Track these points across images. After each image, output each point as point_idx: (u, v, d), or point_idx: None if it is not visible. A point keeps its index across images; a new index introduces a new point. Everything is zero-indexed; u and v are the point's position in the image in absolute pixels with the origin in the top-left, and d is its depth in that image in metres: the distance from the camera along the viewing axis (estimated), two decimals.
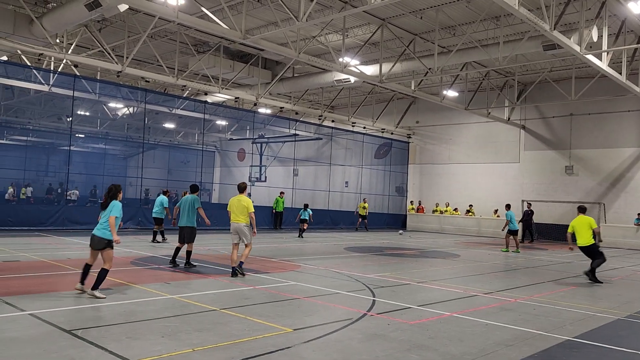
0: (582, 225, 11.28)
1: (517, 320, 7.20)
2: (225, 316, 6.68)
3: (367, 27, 19.57)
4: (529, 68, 24.20)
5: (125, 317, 6.39)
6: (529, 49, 17.69)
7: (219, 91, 22.49)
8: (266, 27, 19.59)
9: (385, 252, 16.10)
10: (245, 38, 15.08)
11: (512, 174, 27.38)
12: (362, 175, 31.13)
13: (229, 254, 13.59)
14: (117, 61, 18.58)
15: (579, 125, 25.43)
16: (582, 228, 11.24)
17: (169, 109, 27.94)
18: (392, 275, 11.08)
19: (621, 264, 15.78)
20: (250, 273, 10.48)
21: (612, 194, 24.32)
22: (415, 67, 20.84)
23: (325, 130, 31.23)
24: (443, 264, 13.99)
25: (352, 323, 6.62)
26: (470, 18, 18.28)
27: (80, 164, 32.88)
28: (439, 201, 29.66)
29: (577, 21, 16.21)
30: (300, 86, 25.60)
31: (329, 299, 8.22)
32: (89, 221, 19.37)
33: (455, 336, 6.21)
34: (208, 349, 5.26)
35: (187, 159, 35.95)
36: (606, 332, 6.86)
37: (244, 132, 36.01)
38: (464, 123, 28.94)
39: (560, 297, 9.26)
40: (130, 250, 13.57)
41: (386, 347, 5.63)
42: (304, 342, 5.68)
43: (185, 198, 11.22)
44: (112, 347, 5.14)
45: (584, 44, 15.06)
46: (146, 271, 10.45)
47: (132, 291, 8.10)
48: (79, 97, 23.80)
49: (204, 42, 22.45)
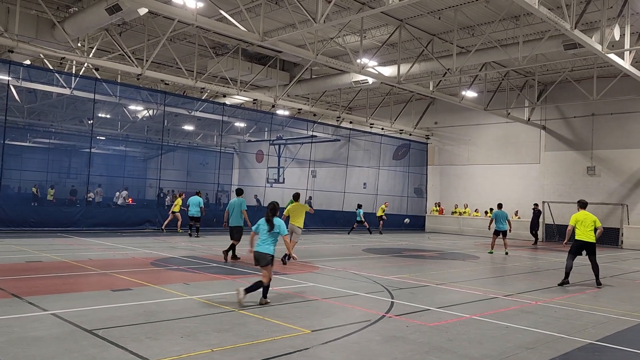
0: (588, 222, 10.75)
1: (537, 323, 7.10)
2: (244, 317, 6.72)
3: (385, 28, 19.51)
4: (549, 68, 23.86)
5: (146, 318, 6.47)
6: (549, 48, 17.44)
7: (238, 93, 22.64)
8: (284, 29, 19.66)
9: (403, 254, 16.02)
10: (263, 40, 15.15)
11: (532, 175, 27.02)
12: (380, 177, 31.02)
13: (246, 255, 13.68)
14: (137, 64, 18.84)
15: (600, 125, 24.98)
16: (588, 225, 10.72)
17: (188, 111, 28.22)
18: (411, 277, 11.02)
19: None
20: None
21: (635, 195, 23.83)
22: (433, 67, 20.70)
23: (343, 132, 31.21)
24: (462, 266, 13.87)
25: (370, 325, 6.60)
26: (489, 18, 18.09)
27: (102, 166, 33.39)
28: (458, 202, 29.41)
29: (598, 20, 15.94)
30: (318, 88, 25.62)
31: (347, 301, 8.20)
32: (110, 222, 19.71)
33: (475, 339, 6.15)
34: (227, 349, 5.29)
35: (205, 161, 36.23)
36: (630, 335, 6.72)
37: (262, 134, 36.20)
38: (483, 124, 28.66)
39: (582, 300, 9.11)
40: (151, 251, 13.73)
41: (405, 349, 5.60)
42: (322, 344, 5.68)
43: (232, 201, 12.73)
44: (132, 347, 5.20)
45: (606, 43, 14.80)
46: (166, 272, 10.56)
47: (152, 292, 8.18)
48: (100, 100, 24.20)
49: (222, 44, 22.62)
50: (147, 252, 13.51)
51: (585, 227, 10.68)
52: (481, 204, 28.14)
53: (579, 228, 10.73)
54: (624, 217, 23.71)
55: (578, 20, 13.72)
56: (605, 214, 24.37)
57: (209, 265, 11.48)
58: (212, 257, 12.95)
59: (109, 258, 12.08)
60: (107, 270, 10.15)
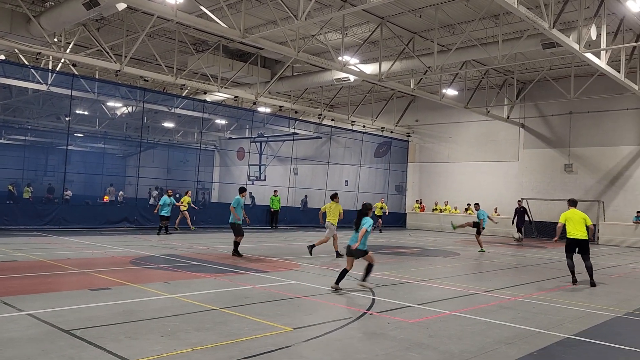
0: (577, 219, 10.81)
1: (516, 319, 7.21)
2: (225, 315, 6.68)
3: (366, 25, 19.55)
4: (528, 66, 24.19)
5: (125, 317, 6.39)
6: (528, 47, 17.69)
7: (218, 90, 22.48)
8: (265, 26, 19.57)
9: (385, 251, 16.10)
10: (244, 37, 15.06)
11: (511, 173, 27.39)
12: (361, 174, 31.12)
13: (228, 253, 13.62)
14: (115, 60, 18.57)
15: (578, 123, 25.44)
16: (578, 222, 10.77)
17: (168, 108, 27.92)
18: (392, 273, 11.08)
19: (620, 262, 15.80)
20: (249, 272, 10.48)
21: (611, 192, 24.34)
22: (414, 65, 20.82)
23: (325, 129, 31.21)
24: (443, 263, 14.00)
25: (351, 322, 6.62)
26: (469, 16, 18.27)
27: (79, 164, 32.86)
28: (439, 200, 29.67)
29: (575, 19, 16.20)
30: (300, 85, 25.58)
31: (328, 298, 8.22)
32: (86, 220, 19.42)
33: (455, 334, 6.21)
34: (208, 348, 5.26)
35: (186, 158, 35.91)
36: (605, 329, 6.87)
37: (243, 131, 35.99)
38: (464, 121, 28.94)
39: (559, 295, 9.27)
40: (130, 249, 13.57)
41: (386, 345, 5.63)
42: (303, 341, 5.68)
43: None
44: (111, 347, 5.13)
45: (583, 42, 15.06)
46: (146, 271, 10.44)
47: (131, 290, 8.09)
48: (77, 97, 23.78)
49: (202, 41, 22.43)
50: (127, 250, 13.35)
51: (575, 223, 10.71)
52: (461, 201, 28.43)
53: (569, 225, 10.76)
54: (600, 213, 24.21)
55: (556, 19, 13.93)
56: (582, 211, 24.77)
57: (190, 264, 11.39)
58: (193, 256, 12.85)
59: (87, 257, 11.90)
60: (85, 269, 10.00)
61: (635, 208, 23.13)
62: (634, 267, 14.73)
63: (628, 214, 23.37)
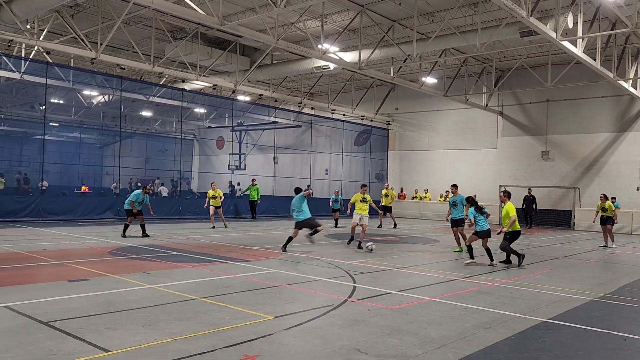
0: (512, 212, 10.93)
1: (494, 304, 7.33)
2: (206, 305, 6.65)
3: (346, 13, 19.45)
4: (506, 54, 24.40)
5: (104, 308, 6.32)
6: (506, 35, 17.82)
7: (197, 78, 22.18)
8: (244, 13, 19.33)
9: (365, 239, 16.16)
10: (223, 24, 14.86)
11: (490, 160, 27.72)
12: (342, 163, 31.17)
13: (208, 243, 13.55)
14: (90, 48, 18.17)
15: (554, 111, 25.81)
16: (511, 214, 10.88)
17: (146, 97, 27.49)
18: (373, 261, 11.16)
19: (595, 247, 16.16)
20: (230, 262, 10.45)
21: (587, 178, 24.82)
22: (394, 53, 20.83)
23: (305, 118, 31.12)
24: (422, 250, 14.15)
25: (333, 309, 6.66)
26: (448, 4, 18.30)
27: (55, 154, 32.21)
28: (419, 187, 29.90)
29: (553, 8, 16.35)
30: (279, 73, 25.40)
31: (310, 286, 8.24)
32: (65, 211, 19.09)
33: (435, 320, 6.30)
34: (189, 337, 5.24)
35: (165, 148, 35.49)
36: (580, 313, 7.03)
37: (222, 120, 35.65)
38: (443, 109, 29.12)
39: (537, 280, 9.45)
40: (109, 240, 13.40)
41: (367, 332, 5.68)
42: (285, 329, 5.70)
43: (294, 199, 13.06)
44: (90, 338, 5.08)
45: (560, 30, 15.22)
46: (125, 261, 10.33)
47: (110, 282, 8.00)
48: (52, 85, 23.26)
49: (180, 28, 22.07)
50: (105, 241, 13.18)
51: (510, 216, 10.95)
52: (441, 188, 28.68)
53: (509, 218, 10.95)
54: (576, 199, 24.68)
55: (534, 8, 14.04)
56: (558, 197, 25.33)
57: (170, 254, 11.31)
58: (173, 246, 12.75)
59: (65, 248, 11.73)
60: (62, 260, 9.85)
61: (610, 194, 23.56)
62: (608, 252, 15.08)
63: None
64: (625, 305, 7.58)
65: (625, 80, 20.45)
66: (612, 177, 24.10)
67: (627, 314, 7.08)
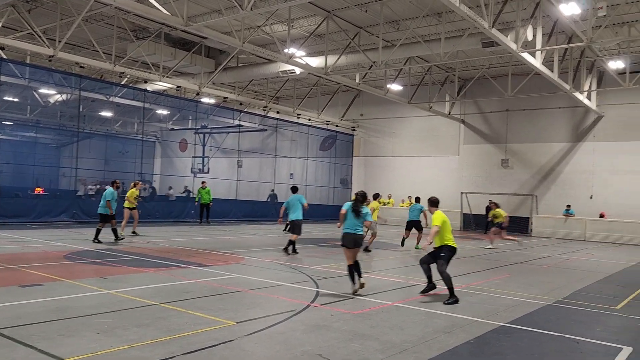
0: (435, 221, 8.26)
1: (455, 308, 7.44)
2: (166, 311, 6.50)
3: (312, 18, 19.51)
4: (468, 64, 24.97)
5: (58, 314, 6.08)
6: (468, 45, 18.24)
7: (160, 79, 21.78)
8: (209, 15, 19.13)
9: (329, 244, 16.20)
10: (188, 25, 14.64)
11: (452, 167, 28.26)
12: (307, 167, 31.16)
13: (169, 247, 13.28)
14: (48, 45, 17.58)
15: (514, 120, 26.57)
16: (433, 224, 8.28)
17: (106, 97, 26.77)
18: (336, 266, 11.16)
19: (551, 253, 16.67)
20: (191, 266, 10.26)
21: (544, 186, 25.62)
22: (360, 60, 21.00)
23: (270, 122, 30.97)
24: (385, 255, 14.26)
25: (295, 314, 6.62)
26: (413, 13, 18.61)
27: (9, 153, 30.96)
28: (382, 193, 30.15)
29: (513, 20, 16.84)
30: (245, 76, 25.22)
31: (272, 291, 8.17)
32: (17, 214, 18.34)
33: (397, 325, 6.34)
34: (147, 344, 5.09)
35: (125, 149, 34.62)
36: (536, 317, 7.21)
37: (186, 122, 35.07)
38: (407, 117, 29.54)
39: (495, 285, 9.66)
40: (64, 244, 12.95)
41: (329, 337, 5.66)
42: (246, 335, 5.62)
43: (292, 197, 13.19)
44: (42, 346, 4.87)
45: (520, 42, 15.69)
46: (81, 266, 10.00)
47: (65, 287, 7.72)
48: (6, 82, 22.36)
49: (143, 27, 21.63)
50: (61, 245, 12.73)
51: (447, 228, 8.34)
52: (404, 194, 29.05)
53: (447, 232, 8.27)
54: (534, 207, 25.43)
55: (495, 19, 14.42)
56: (517, 205, 26.03)
57: (128, 258, 11.01)
58: (132, 250, 12.43)
59: (16, 252, 11.26)
60: (14, 264, 9.46)
61: (565, 202, 24.47)
62: (564, 257, 15.58)
63: (559, 207, 24.67)
64: (578, 310, 7.83)
65: (581, 92, 21.25)
66: (567, 185, 24.96)
67: (580, 318, 7.31)
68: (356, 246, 8.17)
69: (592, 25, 15.13)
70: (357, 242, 8.17)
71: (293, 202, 13.12)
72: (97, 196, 30.62)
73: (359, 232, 8.19)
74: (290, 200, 13.23)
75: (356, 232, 8.15)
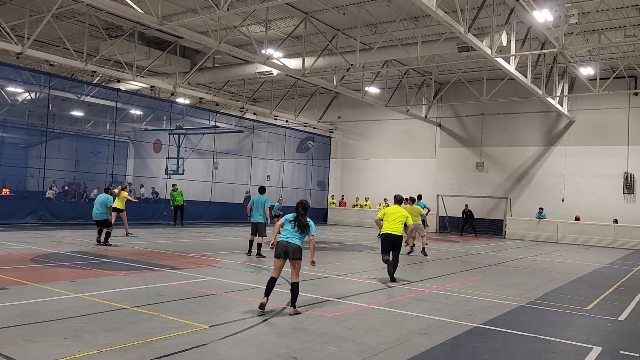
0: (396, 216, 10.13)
1: (430, 310, 7.45)
2: (137, 314, 6.34)
3: (290, 19, 19.44)
4: (445, 68, 25.23)
5: (24, 319, 5.87)
6: (445, 49, 18.42)
7: (133, 79, 21.39)
8: (185, 14, 18.88)
9: (305, 246, 16.09)
10: (162, 24, 14.41)
11: (428, 170, 28.50)
12: (284, 169, 31.03)
13: (142, 250, 13.02)
14: (16, 42, 17.10)
15: (489, 124, 26.95)
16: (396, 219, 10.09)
17: (77, 96, 26.17)
18: (312, 268, 11.06)
19: (524, 255, 16.92)
20: (164, 269, 10.07)
21: (517, 189, 26.03)
22: (337, 62, 21.01)
23: (247, 123, 30.75)
24: (362, 257, 14.26)
25: (270, 317, 6.53)
26: (391, 17, 18.70)
27: None
28: (359, 196, 30.26)
29: (488, 26, 17.07)
30: (221, 77, 24.99)
31: (247, 294, 8.06)
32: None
33: (372, 327, 6.30)
34: (117, 349, 4.95)
35: (97, 150, 33.90)
36: (510, 318, 7.27)
37: (160, 123, 34.54)
38: (384, 119, 29.69)
39: (470, 287, 9.72)
40: (31, 247, 12.58)
41: (304, 340, 5.59)
42: (220, 339, 5.51)
43: (256, 198, 12.81)
44: (6, 351, 4.69)
45: (495, 47, 15.90)
46: (48, 269, 9.71)
47: (32, 290, 7.47)
48: None
49: (117, 26, 21.25)
50: (27, 247, 12.36)
51: (393, 220, 10.12)
52: (381, 197, 29.14)
53: (386, 221, 10.16)
54: (507, 209, 25.81)
55: (471, 24, 14.58)
56: (491, 207, 26.40)
57: (99, 261, 10.75)
58: (102, 252, 12.14)
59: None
60: None
61: (538, 204, 24.90)
62: (536, 259, 15.82)
63: (532, 210, 25.10)
64: (550, 310, 7.93)
65: (553, 97, 21.66)
66: (540, 188, 25.41)
67: (552, 319, 7.40)
68: (287, 256, 6.96)
69: (564, 32, 15.43)
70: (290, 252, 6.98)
71: (257, 204, 12.59)
72: (66, 197, 30.03)
73: (294, 242, 7.06)
74: (255, 201, 12.73)
75: (289, 241, 7.04)
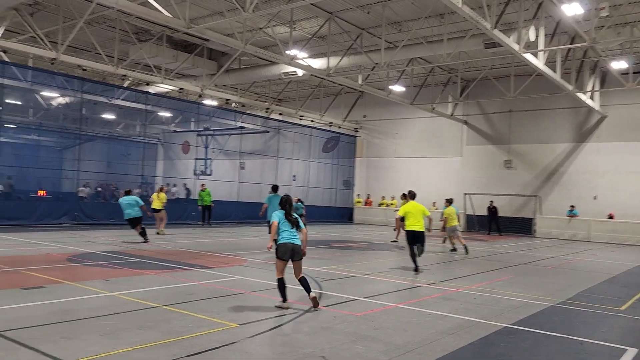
0: (416, 212, 10.95)
1: (458, 310, 7.40)
2: (168, 313, 6.48)
3: (315, 20, 19.50)
4: (471, 65, 24.91)
5: (60, 317, 6.07)
6: (471, 46, 18.20)
7: (162, 82, 21.80)
8: (211, 17, 19.14)
9: (332, 246, 16.17)
10: (190, 27, 14.67)
11: (454, 168, 28.20)
12: (309, 169, 31.14)
13: (172, 249, 13.27)
14: (51, 48, 17.63)
15: (517, 121, 26.50)
16: (417, 214, 10.93)
17: (108, 99, 26.79)
18: (339, 267, 11.13)
19: (555, 254, 16.60)
20: (194, 268, 10.25)
21: (547, 187, 25.54)
22: (362, 61, 20.99)
23: (273, 123, 30.97)
24: (388, 256, 14.22)
25: (298, 316, 6.59)
26: (415, 14, 18.58)
27: (11, 156, 30.97)
28: (385, 194, 30.14)
29: (516, 21, 16.81)
30: (247, 78, 25.23)
31: (275, 293, 8.11)
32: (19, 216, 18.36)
33: (400, 326, 6.30)
34: (149, 346, 5.07)
35: (128, 152, 34.61)
36: (540, 318, 7.16)
37: (188, 124, 35.10)
38: (410, 118, 29.50)
39: (499, 286, 9.61)
40: (67, 246, 12.96)
41: (332, 339, 5.63)
42: (249, 337, 5.59)
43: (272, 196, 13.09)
44: (45, 349, 4.86)
45: (522, 43, 15.65)
46: (83, 268, 9.99)
47: (68, 289, 7.71)
48: (9, 85, 22.39)
49: (145, 30, 21.67)
50: (63, 247, 12.73)
51: (414, 217, 10.90)
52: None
53: (409, 219, 10.93)
54: (537, 207, 25.35)
55: (497, 20, 14.39)
56: (520, 205, 25.97)
57: (131, 260, 11.00)
58: (134, 252, 12.42)
59: (18, 254, 11.26)
60: (16, 267, 9.44)
61: (569, 202, 24.38)
62: (567, 258, 15.51)
63: (562, 207, 24.59)
64: (582, 311, 7.78)
65: (583, 92, 21.18)
66: (571, 186, 24.87)
67: (584, 319, 7.26)
68: (293, 258, 7.08)
69: (594, 26, 15.09)
70: (295, 253, 7.08)
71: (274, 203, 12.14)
72: (99, 198, 30.77)
73: (297, 243, 7.12)
74: (271, 199, 12.81)
75: (293, 242, 7.09)
